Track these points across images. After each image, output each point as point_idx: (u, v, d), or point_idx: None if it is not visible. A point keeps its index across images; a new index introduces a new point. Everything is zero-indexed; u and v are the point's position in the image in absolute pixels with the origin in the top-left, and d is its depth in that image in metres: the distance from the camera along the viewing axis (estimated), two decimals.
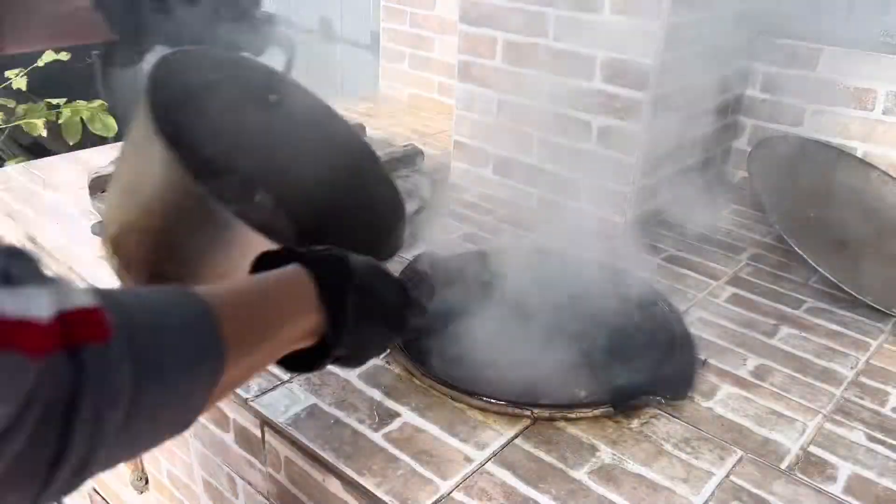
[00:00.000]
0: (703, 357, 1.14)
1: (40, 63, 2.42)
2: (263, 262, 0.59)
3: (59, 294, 0.37)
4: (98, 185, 1.44)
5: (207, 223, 0.66)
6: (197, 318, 0.46)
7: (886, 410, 1.05)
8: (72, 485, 0.40)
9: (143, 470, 1.41)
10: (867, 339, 1.21)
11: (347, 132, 0.94)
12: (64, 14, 0.82)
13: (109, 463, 0.42)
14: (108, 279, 1.24)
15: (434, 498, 0.85)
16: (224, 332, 0.47)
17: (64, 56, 2.39)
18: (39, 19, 0.79)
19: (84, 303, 0.38)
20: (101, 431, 0.38)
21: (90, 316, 0.38)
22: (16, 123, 2.45)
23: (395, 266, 0.84)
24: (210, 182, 0.68)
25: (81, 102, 2.43)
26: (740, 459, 0.93)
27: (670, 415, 1.01)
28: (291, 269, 0.58)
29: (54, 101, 2.46)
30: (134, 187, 0.71)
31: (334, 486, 0.91)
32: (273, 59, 0.97)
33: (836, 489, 0.90)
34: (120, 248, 0.70)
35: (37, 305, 0.35)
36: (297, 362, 0.62)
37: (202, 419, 1.11)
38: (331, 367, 1.05)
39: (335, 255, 0.60)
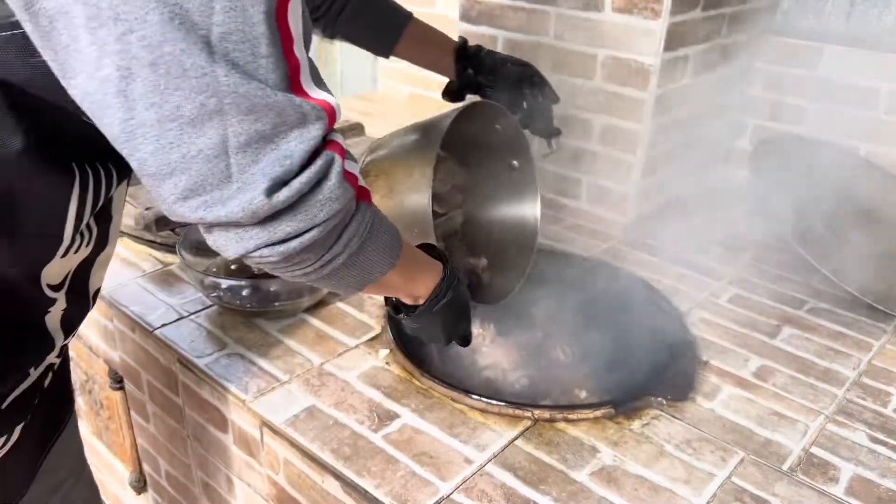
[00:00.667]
0: (704, 358, 1.13)
1: None
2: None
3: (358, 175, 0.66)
4: None
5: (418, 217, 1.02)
6: (396, 239, 0.76)
7: (888, 411, 1.04)
8: (322, 272, 0.67)
9: (141, 471, 1.41)
10: (869, 340, 1.21)
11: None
12: None
13: (341, 274, 0.69)
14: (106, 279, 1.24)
15: (434, 499, 0.84)
16: (401, 254, 0.77)
17: None
18: None
19: (362, 183, 0.68)
20: (347, 247, 0.67)
21: (367, 191, 0.69)
22: None
23: None
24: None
25: None
26: (742, 461, 0.93)
27: (671, 416, 1.00)
28: (438, 263, 0.90)
29: None
30: (397, 177, 1.04)
31: (333, 487, 0.90)
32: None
33: (838, 490, 0.89)
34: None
35: (355, 168, 0.65)
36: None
37: (200, 421, 1.11)
38: (330, 368, 1.05)
39: (453, 266, 0.92)
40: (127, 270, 1.28)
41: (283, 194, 0.57)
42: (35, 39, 0.53)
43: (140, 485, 1.42)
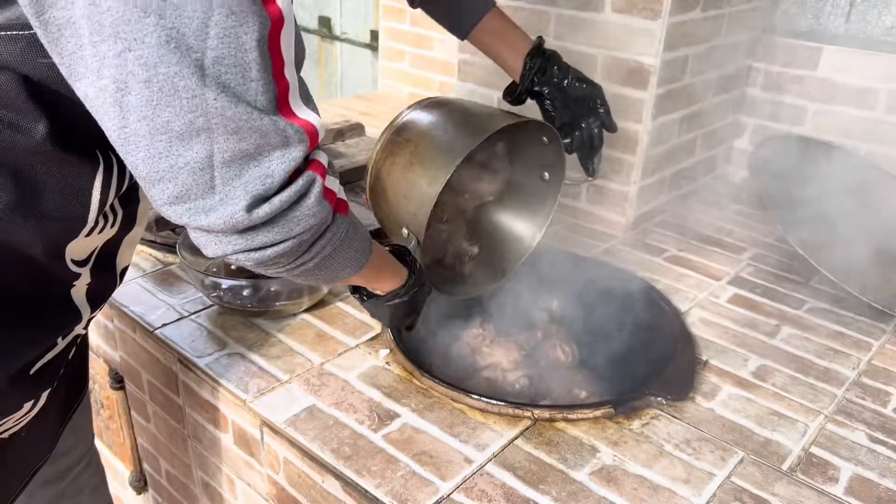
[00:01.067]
0: (703, 357, 1.13)
1: None
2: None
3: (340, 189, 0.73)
4: None
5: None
6: (367, 246, 0.83)
7: (888, 411, 1.04)
8: (293, 273, 0.73)
9: (141, 471, 1.41)
10: (869, 340, 1.21)
11: None
12: None
13: (311, 274, 0.75)
14: None
15: (434, 499, 0.84)
16: (370, 258, 0.84)
17: None
18: None
19: (343, 196, 0.74)
20: (322, 251, 0.72)
21: (345, 203, 0.74)
22: None
23: None
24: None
25: None
26: (741, 460, 0.93)
27: (671, 415, 1.00)
28: (402, 265, 0.98)
29: None
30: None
31: (333, 486, 0.90)
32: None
33: (837, 490, 0.89)
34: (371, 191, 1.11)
35: (337, 189, 0.72)
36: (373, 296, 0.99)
37: (200, 420, 1.11)
38: (330, 368, 1.05)
39: (416, 262, 1.00)
40: (128, 270, 1.28)
41: (263, 210, 0.62)
42: (45, 44, 0.57)
43: (140, 484, 1.42)
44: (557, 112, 1.19)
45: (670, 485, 0.88)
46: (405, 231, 1.03)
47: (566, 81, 1.18)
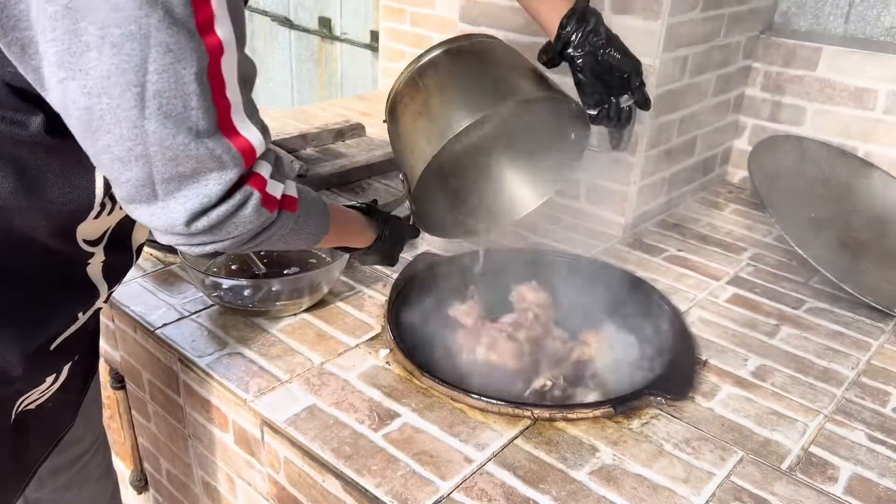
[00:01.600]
0: (703, 357, 1.13)
1: None
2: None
3: (286, 187, 0.77)
4: None
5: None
6: (321, 225, 0.89)
7: (887, 411, 1.04)
8: (257, 246, 0.78)
9: (142, 470, 1.41)
10: (868, 340, 1.21)
11: None
12: None
13: (258, 251, 0.94)
14: None
15: (434, 498, 0.84)
16: (331, 222, 0.91)
17: None
18: None
19: (292, 193, 0.78)
20: (268, 243, 0.79)
21: (294, 200, 0.78)
22: None
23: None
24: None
25: None
26: (741, 460, 0.93)
27: (671, 415, 1.00)
28: (367, 219, 1.08)
29: None
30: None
31: (333, 486, 0.90)
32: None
33: (837, 490, 0.89)
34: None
35: (279, 191, 0.75)
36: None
37: (201, 420, 1.11)
38: (330, 368, 1.05)
39: (384, 215, 1.11)
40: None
41: (201, 223, 0.68)
42: (12, 60, 0.62)
43: (141, 484, 1.42)
44: (587, 81, 1.09)
45: (670, 484, 0.88)
46: (401, 176, 1.07)
47: (602, 51, 1.07)
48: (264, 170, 0.72)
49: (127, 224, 0.86)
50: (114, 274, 0.88)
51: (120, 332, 1.24)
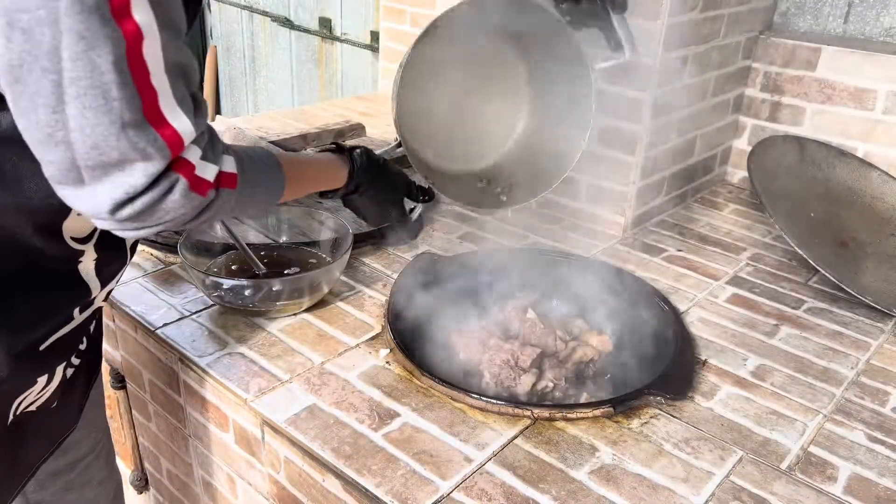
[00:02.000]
0: (703, 357, 1.14)
1: None
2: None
3: (222, 164, 0.75)
4: None
5: None
6: (274, 171, 0.89)
7: (887, 410, 1.05)
8: (205, 222, 0.77)
9: (142, 470, 1.41)
10: (867, 339, 1.21)
11: None
12: None
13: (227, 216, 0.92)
14: None
15: (434, 498, 0.85)
16: (285, 177, 0.91)
17: None
18: None
19: (230, 169, 0.76)
20: (212, 221, 0.84)
21: (232, 176, 0.76)
22: None
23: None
24: None
25: None
26: (740, 459, 0.93)
27: (670, 415, 1.01)
28: (340, 160, 1.10)
29: None
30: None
31: (334, 486, 0.90)
32: None
33: (836, 489, 0.90)
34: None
35: (211, 172, 0.73)
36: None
37: (201, 420, 1.11)
38: (330, 368, 1.06)
39: (364, 151, 1.12)
40: (128, 270, 1.28)
41: (126, 211, 0.67)
42: None
43: (141, 483, 1.43)
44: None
45: (669, 484, 0.89)
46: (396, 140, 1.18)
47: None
48: (193, 154, 0.70)
49: None
50: (107, 272, 0.87)
51: (120, 332, 1.24)
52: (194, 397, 1.11)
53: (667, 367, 1.08)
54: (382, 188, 1.16)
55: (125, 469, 1.45)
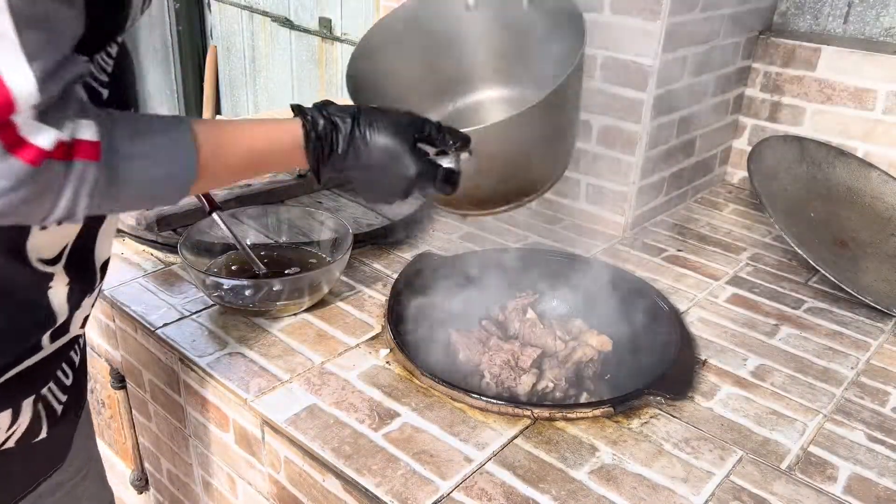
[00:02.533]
0: (703, 357, 1.14)
1: None
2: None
3: (73, 130, 0.59)
4: None
5: None
6: (177, 137, 0.68)
7: (887, 410, 1.05)
8: (67, 217, 0.62)
9: (142, 470, 1.41)
10: (867, 339, 1.21)
11: None
12: None
13: (95, 210, 0.63)
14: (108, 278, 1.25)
15: (434, 498, 0.85)
16: (199, 158, 0.69)
17: None
18: None
19: (89, 136, 0.60)
20: (77, 204, 0.61)
21: (91, 144, 0.60)
22: None
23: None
24: None
25: None
26: (740, 459, 0.93)
27: (670, 415, 1.01)
28: (292, 122, 0.78)
29: None
30: None
31: (334, 485, 0.91)
32: None
33: (836, 489, 0.90)
34: None
35: (45, 137, 0.57)
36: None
37: (202, 420, 1.11)
38: (330, 368, 1.06)
39: (332, 114, 0.79)
40: (129, 270, 1.29)
41: None
42: None
43: (142, 483, 1.43)
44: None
45: (669, 483, 0.89)
46: None
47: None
48: (21, 114, 0.55)
49: (88, 238, 0.76)
50: (77, 297, 0.77)
51: (121, 332, 1.24)
52: (194, 397, 1.11)
53: (667, 367, 1.08)
54: (370, 151, 0.79)
55: (125, 469, 1.45)
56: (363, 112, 0.80)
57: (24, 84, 0.54)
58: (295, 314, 1.18)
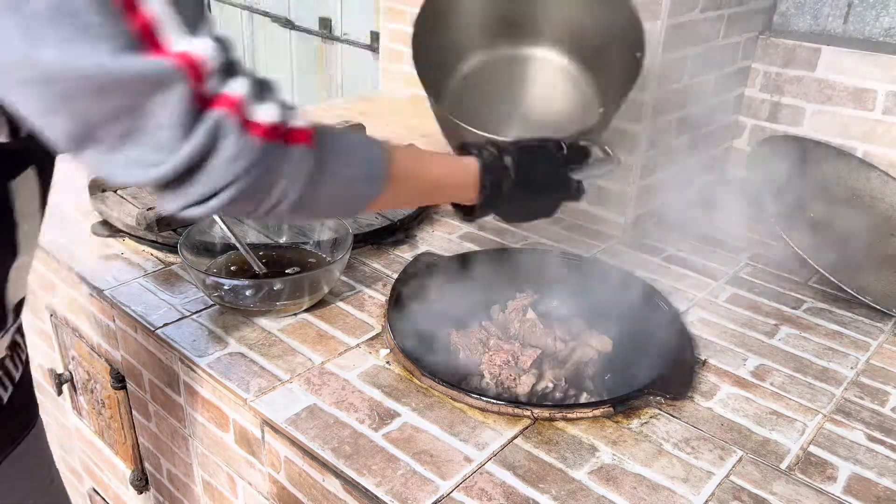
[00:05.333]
0: (702, 357, 1.14)
1: None
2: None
3: (284, 114, 0.60)
4: (97, 185, 1.44)
5: None
6: (368, 142, 0.73)
7: (886, 410, 1.05)
8: (268, 218, 0.65)
9: (142, 470, 1.41)
10: (867, 339, 1.21)
11: None
12: None
13: (294, 214, 0.66)
14: (108, 278, 1.25)
15: (434, 498, 0.85)
16: (391, 170, 0.72)
17: None
18: None
19: (300, 124, 0.62)
20: (289, 190, 0.62)
21: (305, 131, 0.62)
22: None
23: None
24: None
25: None
26: (740, 459, 0.93)
27: (670, 415, 1.01)
28: (467, 158, 0.85)
29: None
30: None
31: (334, 485, 0.91)
32: None
33: (836, 489, 0.90)
34: None
35: (267, 113, 0.58)
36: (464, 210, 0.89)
37: (202, 420, 1.12)
38: (330, 368, 1.06)
39: (499, 154, 0.85)
40: (129, 270, 1.29)
41: (165, 170, 0.56)
42: None
43: (141, 483, 1.43)
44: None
45: (669, 484, 0.89)
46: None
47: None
48: (235, 89, 0.56)
49: None
50: None
51: (120, 332, 1.24)
52: (194, 397, 1.11)
53: (667, 367, 1.08)
54: (534, 182, 0.88)
55: (125, 469, 1.45)
56: (520, 147, 0.88)
57: (198, 48, 0.54)
58: (295, 314, 1.18)
